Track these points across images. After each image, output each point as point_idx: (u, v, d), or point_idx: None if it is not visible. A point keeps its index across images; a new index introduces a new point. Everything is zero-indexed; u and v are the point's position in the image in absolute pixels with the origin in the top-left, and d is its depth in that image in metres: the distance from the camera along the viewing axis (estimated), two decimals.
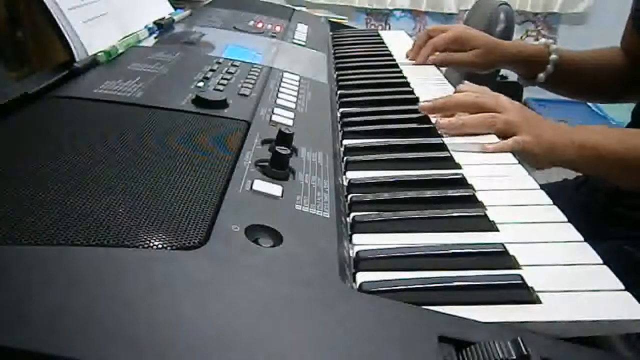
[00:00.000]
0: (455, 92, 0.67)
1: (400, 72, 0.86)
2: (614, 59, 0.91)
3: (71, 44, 0.61)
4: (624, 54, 0.90)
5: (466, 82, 0.68)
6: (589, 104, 2.75)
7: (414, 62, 0.93)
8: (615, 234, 0.73)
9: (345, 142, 0.58)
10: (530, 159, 0.58)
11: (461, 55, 0.90)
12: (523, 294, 0.35)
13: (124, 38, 0.70)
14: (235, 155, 0.44)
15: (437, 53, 0.93)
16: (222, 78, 0.62)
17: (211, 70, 0.65)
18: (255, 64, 0.71)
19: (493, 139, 0.59)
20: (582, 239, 0.41)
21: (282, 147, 0.44)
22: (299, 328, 0.28)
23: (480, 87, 0.66)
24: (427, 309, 0.32)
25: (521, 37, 2.81)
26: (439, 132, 0.60)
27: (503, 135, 0.58)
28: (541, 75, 0.89)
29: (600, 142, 0.60)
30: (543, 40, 0.92)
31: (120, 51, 0.67)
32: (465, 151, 0.56)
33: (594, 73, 0.91)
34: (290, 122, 0.55)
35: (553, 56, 0.88)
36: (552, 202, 0.47)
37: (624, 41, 0.90)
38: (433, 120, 0.63)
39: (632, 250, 0.70)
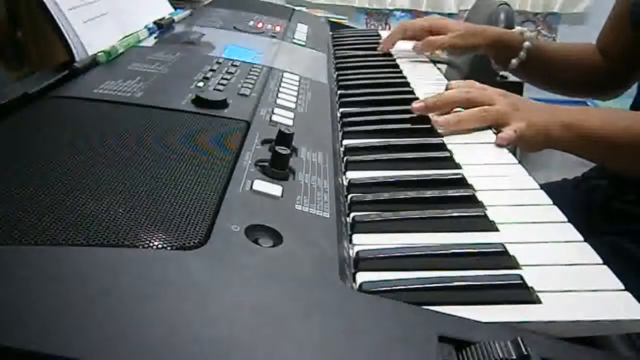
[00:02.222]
0: (445, 90, 0.68)
1: (400, 72, 0.86)
2: (588, 55, 0.92)
3: (71, 44, 0.61)
4: (599, 53, 0.91)
5: (454, 82, 0.69)
6: (589, 103, 2.74)
7: (384, 51, 0.97)
8: (613, 230, 0.73)
9: (345, 142, 0.58)
10: (524, 144, 0.61)
11: (441, 37, 0.91)
12: (523, 294, 0.35)
13: (124, 38, 0.70)
14: (235, 155, 0.44)
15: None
16: (222, 78, 0.62)
17: (211, 70, 0.65)
18: (255, 64, 0.71)
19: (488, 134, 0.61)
20: (582, 239, 0.42)
21: (282, 147, 0.44)
22: (299, 328, 0.28)
23: (468, 82, 0.68)
24: (427, 309, 0.32)
25: None
26: (437, 129, 0.61)
27: (497, 126, 0.61)
28: (514, 61, 0.91)
29: (584, 121, 0.62)
30: (519, 28, 0.93)
31: (120, 51, 0.67)
32: (469, 143, 0.58)
33: (568, 66, 0.93)
34: (290, 122, 0.55)
35: (526, 43, 0.90)
36: (552, 202, 0.47)
37: (601, 40, 0.91)
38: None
39: (630, 246, 0.70)
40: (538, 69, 0.93)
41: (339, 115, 0.67)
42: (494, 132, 0.61)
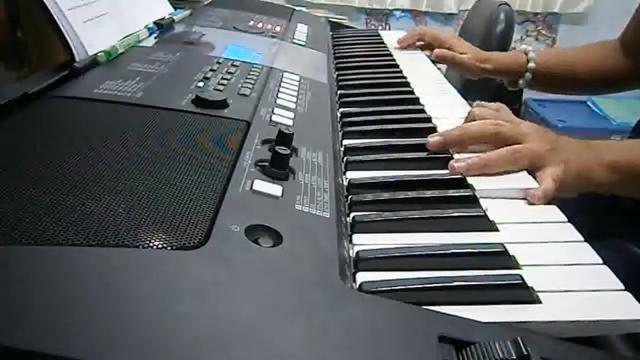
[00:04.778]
0: (468, 118, 0.60)
1: (400, 72, 0.86)
2: (608, 54, 0.92)
3: (71, 44, 0.61)
4: (620, 49, 0.91)
5: (481, 102, 0.63)
6: (589, 104, 2.75)
7: (403, 48, 1.01)
8: (617, 231, 0.73)
9: (345, 142, 0.58)
10: (563, 191, 0.51)
11: (462, 56, 0.94)
12: (523, 294, 0.35)
13: (124, 38, 0.70)
14: (235, 155, 0.44)
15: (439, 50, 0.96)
16: (222, 78, 0.62)
17: (211, 70, 0.65)
18: (255, 64, 0.71)
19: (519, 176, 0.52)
20: (582, 239, 0.42)
21: (282, 147, 0.44)
22: (299, 328, 0.28)
23: (494, 107, 0.60)
24: (427, 309, 0.32)
25: (521, 37, 2.81)
26: (454, 173, 0.51)
27: (530, 169, 0.53)
28: (521, 81, 0.94)
29: (633, 160, 0.55)
30: (523, 46, 0.95)
31: (120, 51, 0.67)
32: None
33: (576, 72, 0.94)
34: (290, 122, 0.55)
35: (530, 65, 0.92)
36: (552, 202, 0.47)
37: (625, 37, 0.91)
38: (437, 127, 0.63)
39: (635, 247, 0.70)
40: (547, 82, 0.95)
41: (339, 115, 0.67)
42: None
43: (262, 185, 0.40)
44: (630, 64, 0.90)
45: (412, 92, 0.76)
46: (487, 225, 0.43)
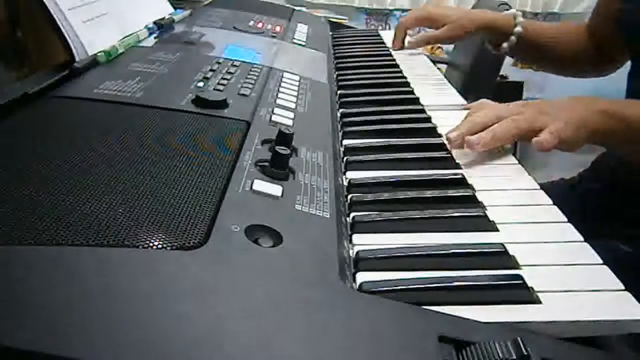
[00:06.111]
0: (469, 112, 0.62)
1: (400, 72, 0.86)
2: (576, 34, 0.93)
3: (71, 44, 0.61)
4: (586, 32, 0.92)
5: (486, 100, 0.65)
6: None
7: (397, 49, 1.01)
8: (610, 232, 0.73)
9: (345, 142, 0.58)
10: (567, 145, 0.55)
11: (435, 32, 0.95)
12: (523, 294, 0.35)
13: (124, 38, 0.70)
14: (235, 155, 0.44)
15: (412, 37, 0.99)
16: (222, 78, 0.62)
17: (211, 70, 0.65)
18: (255, 64, 0.71)
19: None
20: (582, 239, 0.42)
21: (282, 147, 0.44)
22: (298, 328, 0.28)
23: (485, 103, 0.63)
24: (427, 309, 0.32)
25: None
26: (469, 148, 0.55)
27: (531, 134, 0.55)
28: (505, 44, 0.93)
29: (627, 108, 0.58)
30: (513, 10, 0.94)
31: (120, 51, 0.67)
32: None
33: (557, 47, 0.94)
34: (290, 122, 0.55)
35: (517, 29, 0.91)
36: (552, 202, 0.47)
37: (590, 21, 0.92)
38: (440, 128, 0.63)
39: (628, 248, 0.70)
40: (529, 51, 0.95)
41: (339, 115, 0.67)
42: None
43: (262, 185, 0.40)
44: (594, 50, 0.91)
45: (412, 92, 0.76)
46: (487, 225, 0.43)
